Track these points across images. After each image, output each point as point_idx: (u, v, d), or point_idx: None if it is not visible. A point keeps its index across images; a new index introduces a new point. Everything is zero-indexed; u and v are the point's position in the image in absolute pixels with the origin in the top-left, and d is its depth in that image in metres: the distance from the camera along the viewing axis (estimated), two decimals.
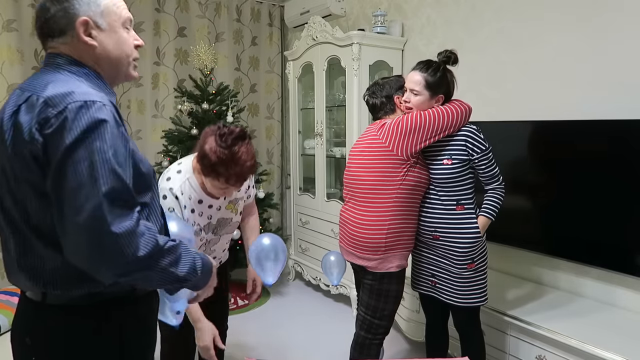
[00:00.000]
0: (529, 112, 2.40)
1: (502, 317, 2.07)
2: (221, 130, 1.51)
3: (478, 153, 1.78)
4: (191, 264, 1.00)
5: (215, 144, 1.48)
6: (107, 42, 1.02)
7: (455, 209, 1.81)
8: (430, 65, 1.80)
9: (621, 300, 2.11)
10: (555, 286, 2.37)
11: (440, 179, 1.81)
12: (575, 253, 2.16)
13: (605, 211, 2.01)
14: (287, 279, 3.83)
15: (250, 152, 1.53)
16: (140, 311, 1.08)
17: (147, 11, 3.69)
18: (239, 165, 1.49)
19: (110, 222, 0.84)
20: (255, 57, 4.33)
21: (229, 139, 1.49)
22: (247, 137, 1.54)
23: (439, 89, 1.80)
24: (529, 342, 1.99)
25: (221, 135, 1.49)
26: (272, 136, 4.49)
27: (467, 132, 1.79)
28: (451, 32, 2.87)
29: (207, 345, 1.58)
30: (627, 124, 1.94)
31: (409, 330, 2.60)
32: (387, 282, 1.87)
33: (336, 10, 3.41)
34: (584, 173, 2.08)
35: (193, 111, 3.32)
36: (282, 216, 4.57)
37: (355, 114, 3.01)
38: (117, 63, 1.05)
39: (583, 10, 2.21)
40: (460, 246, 1.80)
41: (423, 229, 1.88)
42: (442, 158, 1.80)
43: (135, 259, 0.86)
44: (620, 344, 1.77)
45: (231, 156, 1.48)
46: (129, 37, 1.08)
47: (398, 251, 1.85)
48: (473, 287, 1.84)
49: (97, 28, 1.00)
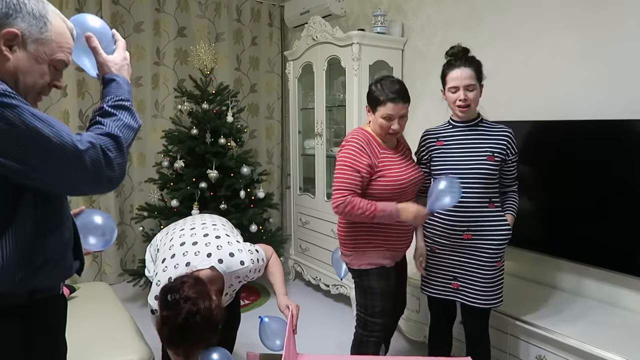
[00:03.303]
0: (528, 112, 2.39)
1: (502, 316, 2.07)
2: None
3: (512, 154, 1.83)
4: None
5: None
6: (22, 64, 0.97)
7: (488, 207, 1.81)
8: (468, 57, 1.78)
9: (623, 301, 2.11)
10: (556, 286, 2.37)
11: (480, 175, 1.78)
12: (576, 253, 2.16)
13: (606, 211, 2.01)
14: (287, 279, 3.83)
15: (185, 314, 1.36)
16: (41, 320, 1.06)
17: (147, 11, 3.69)
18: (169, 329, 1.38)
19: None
20: (255, 57, 4.33)
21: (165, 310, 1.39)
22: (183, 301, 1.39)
23: (482, 77, 1.82)
24: (529, 342, 1.99)
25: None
26: (272, 136, 4.49)
27: (509, 132, 1.82)
28: (451, 32, 2.87)
29: None
30: (630, 124, 1.93)
31: (409, 330, 2.60)
32: (367, 279, 1.91)
33: (336, 10, 3.42)
34: (584, 173, 2.08)
35: (193, 111, 3.33)
36: (282, 216, 4.57)
37: (355, 114, 3.00)
38: (22, 87, 0.99)
39: (583, 10, 2.21)
40: (494, 244, 1.80)
41: (451, 229, 1.84)
42: (484, 154, 1.79)
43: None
44: (621, 344, 1.76)
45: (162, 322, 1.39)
46: (49, 73, 1.02)
47: (370, 250, 1.90)
48: (496, 287, 1.83)
49: (22, 47, 0.96)
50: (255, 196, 3.40)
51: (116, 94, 1.06)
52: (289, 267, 3.83)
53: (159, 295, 1.44)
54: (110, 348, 1.84)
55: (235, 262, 1.70)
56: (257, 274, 1.84)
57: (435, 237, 1.90)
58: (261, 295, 3.52)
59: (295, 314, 1.79)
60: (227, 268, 1.68)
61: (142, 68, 3.74)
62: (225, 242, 1.77)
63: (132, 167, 3.82)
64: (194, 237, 1.79)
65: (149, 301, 1.63)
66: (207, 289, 1.47)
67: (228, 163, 3.25)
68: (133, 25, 3.67)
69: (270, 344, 1.74)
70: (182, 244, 1.76)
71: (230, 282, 1.73)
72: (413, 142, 2.00)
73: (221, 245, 1.74)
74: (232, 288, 1.78)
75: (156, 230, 3.28)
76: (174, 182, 3.29)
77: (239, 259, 1.72)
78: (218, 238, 1.78)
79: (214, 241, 1.76)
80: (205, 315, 1.37)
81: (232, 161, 3.27)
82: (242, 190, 3.26)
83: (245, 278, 1.76)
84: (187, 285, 1.42)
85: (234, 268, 1.69)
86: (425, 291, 1.98)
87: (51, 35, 0.99)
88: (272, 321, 1.77)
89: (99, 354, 1.79)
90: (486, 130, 1.83)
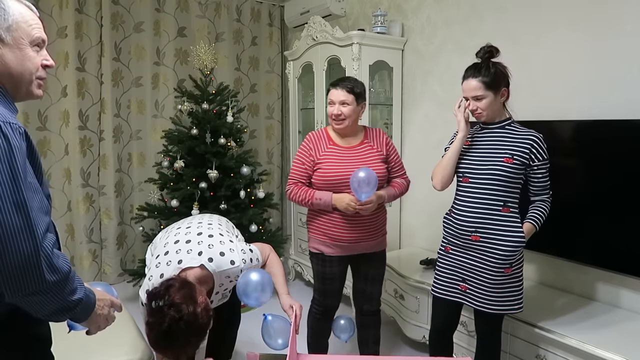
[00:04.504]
0: (529, 112, 2.39)
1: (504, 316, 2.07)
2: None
3: (539, 160, 1.76)
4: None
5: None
6: (8, 57, 1.00)
7: (501, 210, 1.76)
8: (479, 67, 1.77)
9: (625, 302, 2.11)
10: (556, 286, 2.37)
11: (494, 177, 1.76)
12: (578, 254, 2.16)
13: (611, 213, 2.01)
14: (287, 279, 3.83)
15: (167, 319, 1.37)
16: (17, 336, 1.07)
17: (147, 11, 3.69)
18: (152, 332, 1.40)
19: None
20: (255, 57, 4.33)
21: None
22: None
23: (499, 84, 1.77)
24: (529, 342, 1.99)
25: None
26: (272, 136, 4.49)
27: (535, 137, 1.77)
28: (451, 32, 2.87)
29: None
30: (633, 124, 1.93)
31: (408, 330, 2.60)
32: (311, 260, 2.19)
33: (336, 10, 3.42)
34: (583, 173, 2.08)
35: (193, 111, 3.32)
36: (282, 216, 4.57)
37: None
38: (18, 80, 1.02)
39: (583, 10, 2.20)
40: (502, 249, 1.75)
41: (461, 229, 1.82)
42: (502, 155, 1.76)
43: None
44: (621, 344, 1.76)
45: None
46: (36, 55, 1.05)
47: (313, 235, 2.14)
48: (506, 293, 1.79)
49: (1, 42, 0.98)
50: (255, 196, 3.39)
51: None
52: (289, 267, 3.83)
53: (146, 301, 1.45)
54: (110, 348, 1.84)
55: (225, 262, 1.70)
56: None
57: (449, 236, 1.89)
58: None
59: (299, 314, 1.79)
60: (216, 267, 1.68)
61: (142, 68, 3.74)
62: (217, 241, 1.78)
63: (132, 167, 3.82)
64: (188, 235, 1.80)
65: (140, 294, 1.64)
66: (194, 292, 1.46)
67: (228, 163, 3.25)
68: (133, 25, 3.67)
69: (272, 343, 1.73)
70: (176, 242, 1.78)
71: (220, 282, 1.74)
72: (414, 142, 2.00)
73: (212, 244, 1.75)
74: (223, 287, 1.78)
75: (156, 230, 3.29)
76: (174, 182, 3.29)
77: (229, 259, 1.72)
78: (211, 237, 1.79)
79: (206, 240, 1.77)
80: (188, 321, 1.37)
81: (232, 161, 3.27)
82: (242, 190, 3.26)
83: (237, 278, 1.75)
84: (173, 289, 1.42)
85: (224, 267, 1.70)
86: (434, 291, 1.95)
87: (16, 18, 1.00)
88: (276, 320, 1.76)
89: (99, 354, 1.79)
90: (510, 133, 1.80)
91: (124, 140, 3.76)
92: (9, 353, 1.05)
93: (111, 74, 3.58)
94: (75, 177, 3.53)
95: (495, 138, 1.82)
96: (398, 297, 2.68)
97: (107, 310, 1.15)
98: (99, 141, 3.63)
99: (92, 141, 3.60)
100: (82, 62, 3.46)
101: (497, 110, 1.81)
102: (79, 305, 1.03)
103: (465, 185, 1.84)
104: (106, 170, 3.64)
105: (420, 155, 3.08)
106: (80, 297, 1.03)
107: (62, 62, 3.38)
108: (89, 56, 3.49)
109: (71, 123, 3.47)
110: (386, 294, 2.81)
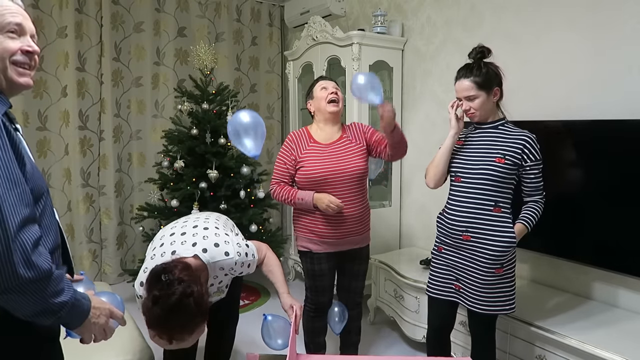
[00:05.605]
0: (528, 112, 2.40)
1: (503, 316, 2.07)
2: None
3: (532, 161, 1.75)
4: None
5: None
6: None
7: (492, 210, 1.76)
8: (471, 67, 1.78)
9: (623, 301, 2.11)
10: (556, 286, 2.37)
11: (485, 176, 1.76)
12: (577, 254, 2.16)
13: (611, 213, 2.01)
14: (287, 279, 3.83)
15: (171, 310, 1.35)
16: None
17: (147, 11, 3.70)
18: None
19: None
20: (255, 57, 4.33)
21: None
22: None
23: (491, 83, 1.77)
24: (528, 341, 1.99)
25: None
26: (272, 136, 4.49)
27: (528, 137, 1.76)
28: (451, 32, 2.87)
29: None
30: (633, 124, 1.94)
31: (408, 330, 2.60)
32: (302, 260, 2.24)
33: (336, 10, 3.42)
34: (581, 172, 2.08)
35: (193, 111, 3.33)
36: (282, 216, 4.57)
37: (355, 114, 3.01)
38: None
39: (583, 10, 2.21)
40: (492, 249, 1.74)
41: (452, 228, 1.83)
42: (494, 155, 1.76)
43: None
44: (621, 344, 1.77)
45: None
46: (10, 41, 1.00)
47: (300, 233, 2.18)
48: (498, 293, 1.78)
49: None
50: (255, 196, 3.39)
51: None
52: (289, 267, 3.83)
53: (150, 275, 1.44)
54: (110, 348, 1.84)
55: (219, 253, 1.69)
56: (247, 270, 1.82)
57: (442, 236, 1.89)
58: (261, 295, 3.52)
59: (299, 314, 1.78)
60: (210, 258, 1.67)
61: (142, 68, 3.74)
62: (212, 233, 1.77)
63: (132, 167, 3.82)
64: (184, 228, 1.80)
65: (135, 287, 1.63)
66: (197, 275, 1.47)
67: (228, 163, 3.25)
68: (133, 25, 3.67)
69: (272, 343, 1.73)
70: (172, 235, 1.78)
71: (214, 273, 1.72)
72: (414, 142, 2.00)
73: (207, 235, 1.75)
74: (218, 280, 1.77)
75: (156, 230, 3.28)
76: (174, 182, 3.29)
77: (224, 250, 1.71)
78: (206, 229, 1.79)
79: (201, 232, 1.76)
80: (197, 299, 1.37)
81: (232, 161, 3.27)
82: (242, 190, 3.26)
83: (232, 271, 1.75)
84: (179, 268, 1.43)
85: (218, 258, 1.68)
86: (428, 291, 1.95)
87: None
88: (276, 320, 1.76)
89: (99, 354, 1.79)
90: (503, 133, 1.80)
91: (124, 140, 3.77)
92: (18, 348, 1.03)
93: (111, 74, 3.58)
94: (75, 177, 3.53)
95: (487, 138, 1.82)
96: (398, 297, 2.69)
97: (104, 320, 1.08)
98: (99, 141, 3.63)
99: (92, 141, 3.61)
100: (82, 62, 3.46)
101: (490, 110, 1.82)
102: (64, 309, 0.96)
103: (457, 185, 1.84)
104: (106, 170, 3.65)
105: (420, 155, 3.07)
106: (65, 300, 0.96)
107: (62, 62, 3.37)
108: (89, 56, 3.49)
109: (71, 123, 3.47)
110: (386, 294, 2.81)
